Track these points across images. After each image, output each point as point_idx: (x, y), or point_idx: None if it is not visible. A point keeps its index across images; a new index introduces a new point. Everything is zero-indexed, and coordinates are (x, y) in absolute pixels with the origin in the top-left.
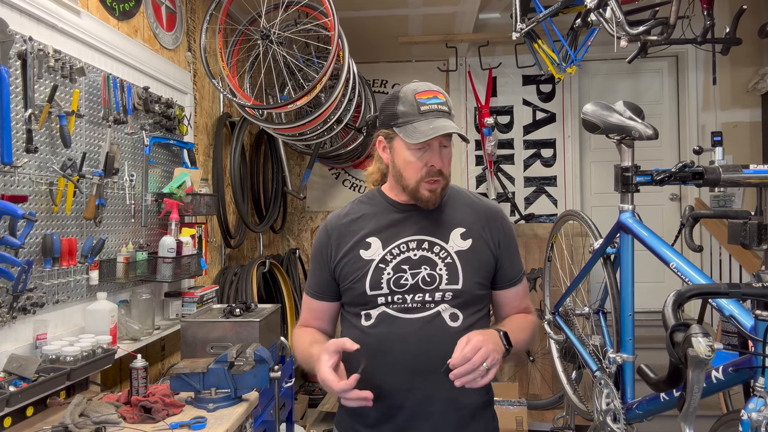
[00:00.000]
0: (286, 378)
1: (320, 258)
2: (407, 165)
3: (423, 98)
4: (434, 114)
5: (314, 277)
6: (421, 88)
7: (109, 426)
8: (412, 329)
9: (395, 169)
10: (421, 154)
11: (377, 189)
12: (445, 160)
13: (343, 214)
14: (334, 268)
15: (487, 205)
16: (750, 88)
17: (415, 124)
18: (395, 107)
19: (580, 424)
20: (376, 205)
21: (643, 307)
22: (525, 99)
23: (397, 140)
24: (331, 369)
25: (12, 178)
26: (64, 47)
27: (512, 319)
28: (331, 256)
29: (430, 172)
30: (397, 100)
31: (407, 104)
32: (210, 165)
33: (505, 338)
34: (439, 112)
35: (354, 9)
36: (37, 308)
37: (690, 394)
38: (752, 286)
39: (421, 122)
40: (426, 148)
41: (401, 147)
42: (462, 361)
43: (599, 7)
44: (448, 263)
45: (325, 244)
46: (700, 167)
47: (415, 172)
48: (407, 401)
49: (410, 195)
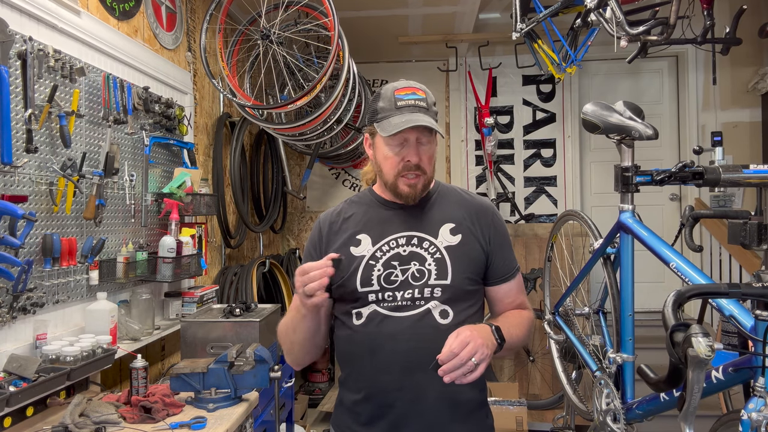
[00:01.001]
0: (286, 378)
1: (312, 255)
2: (385, 160)
3: (401, 94)
4: (410, 109)
5: None
6: (401, 85)
7: (109, 426)
8: (402, 328)
9: (377, 165)
10: (399, 149)
11: (368, 188)
12: (424, 155)
13: (335, 213)
14: None
15: (477, 202)
16: (750, 88)
17: (390, 119)
18: (376, 104)
19: (580, 424)
20: (366, 203)
21: (643, 307)
22: (525, 99)
23: (377, 136)
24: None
25: (12, 178)
26: (64, 47)
27: (507, 314)
28: (322, 253)
29: (407, 167)
30: (378, 97)
31: (386, 100)
32: (210, 165)
33: (497, 333)
34: (416, 107)
35: (354, 9)
36: (37, 308)
37: (690, 394)
38: (752, 286)
39: (396, 116)
40: (403, 143)
41: (380, 142)
42: (450, 356)
43: (599, 7)
44: (437, 258)
45: (317, 241)
46: (700, 167)
47: (392, 167)
48: (399, 400)
49: (391, 190)
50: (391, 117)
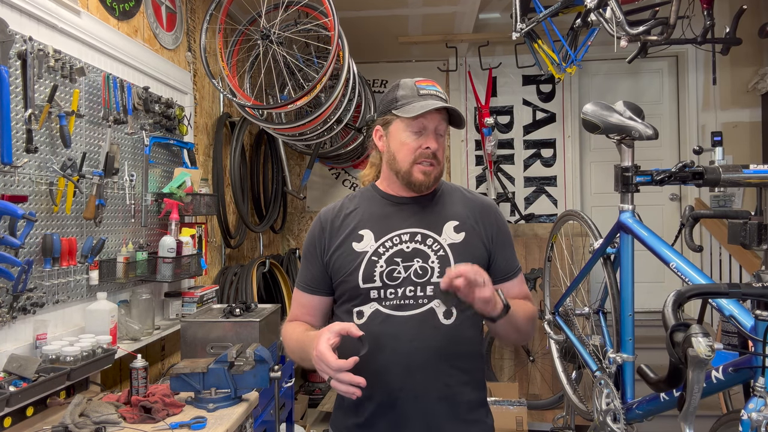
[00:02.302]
0: (286, 378)
1: (313, 251)
2: (402, 147)
3: (422, 85)
4: (432, 97)
5: (306, 270)
6: (420, 78)
7: (109, 426)
8: (405, 327)
9: (389, 153)
10: (417, 136)
11: (371, 184)
12: (440, 146)
13: (335, 208)
14: (327, 261)
15: (480, 200)
16: (750, 88)
17: (413, 104)
18: (395, 93)
19: (580, 424)
20: (368, 199)
21: (643, 307)
22: (525, 99)
23: (394, 124)
24: (329, 346)
25: (12, 178)
26: (64, 47)
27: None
28: (324, 249)
29: (424, 154)
30: (397, 87)
31: (407, 89)
32: (210, 165)
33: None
34: (437, 97)
35: (354, 9)
36: (37, 308)
37: (690, 394)
38: (752, 286)
39: (420, 101)
40: (422, 130)
41: (398, 129)
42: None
43: (599, 7)
44: (441, 256)
45: (318, 237)
46: (700, 167)
47: (409, 153)
48: (400, 399)
49: (403, 179)
50: (414, 102)
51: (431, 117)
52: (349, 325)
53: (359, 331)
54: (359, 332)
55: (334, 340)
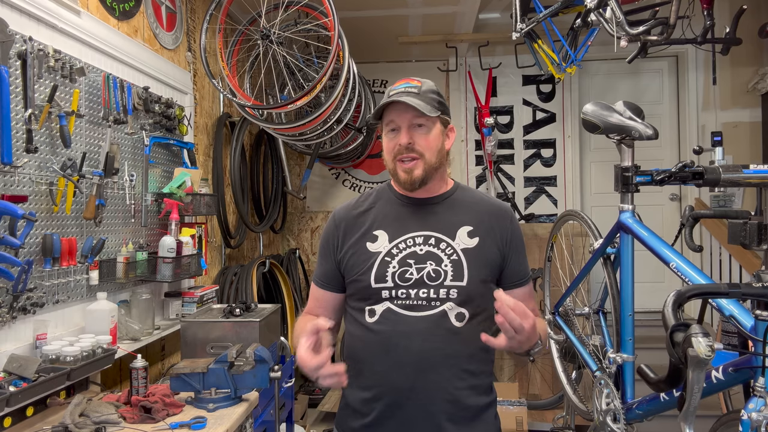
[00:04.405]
0: (286, 378)
1: (327, 248)
2: (385, 150)
3: (396, 86)
4: (398, 95)
5: (321, 266)
6: (398, 80)
7: (109, 426)
8: (417, 328)
9: (383, 158)
10: (393, 135)
11: (387, 183)
12: (420, 139)
13: (351, 206)
14: (339, 259)
15: (496, 205)
16: (750, 88)
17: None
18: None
19: (580, 424)
20: (384, 198)
21: (643, 307)
22: (525, 99)
23: (379, 129)
24: (308, 349)
25: (12, 178)
26: (64, 47)
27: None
28: (337, 247)
29: (399, 150)
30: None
31: (385, 95)
32: (210, 165)
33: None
34: (405, 92)
35: (354, 9)
36: (37, 308)
37: (690, 394)
38: (752, 286)
39: (387, 102)
40: (397, 130)
41: (382, 133)
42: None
43: (599, 7)
44: (454, 260)
45: (333, 234)
46: (700, 167)
47: (389, 152)
48: (409, 400)
49: (394, 180)
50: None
51: (399, 112)
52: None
53: (327, 323)
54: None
55: (309, 341)
